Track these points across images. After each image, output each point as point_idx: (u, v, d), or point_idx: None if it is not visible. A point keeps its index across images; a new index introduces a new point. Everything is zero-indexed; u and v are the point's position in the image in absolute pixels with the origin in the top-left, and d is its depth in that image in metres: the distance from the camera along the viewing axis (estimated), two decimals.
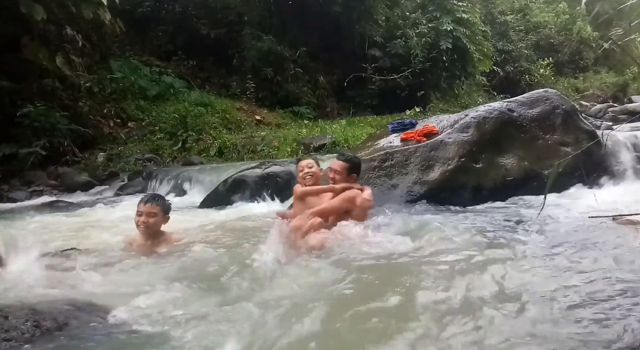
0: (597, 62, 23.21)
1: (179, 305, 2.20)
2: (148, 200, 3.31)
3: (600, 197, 4.17)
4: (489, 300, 2.10)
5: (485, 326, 1.85)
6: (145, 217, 3.25)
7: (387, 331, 1.85)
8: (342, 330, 1.88)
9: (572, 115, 5.61)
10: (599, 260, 2.60)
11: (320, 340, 1.80)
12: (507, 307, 2.02)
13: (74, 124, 9.16)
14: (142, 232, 3.30)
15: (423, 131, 5.19)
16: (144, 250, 3.26)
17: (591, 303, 2.01)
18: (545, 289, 2.20)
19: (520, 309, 1.99)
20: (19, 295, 2.25)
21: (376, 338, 1.80)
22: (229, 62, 13.88)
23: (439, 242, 3.13)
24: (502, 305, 2.04)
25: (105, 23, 9.11)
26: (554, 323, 1.85)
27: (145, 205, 3.27)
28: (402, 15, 15.59)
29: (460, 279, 2.38)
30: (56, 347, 1.80)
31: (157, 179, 7.50)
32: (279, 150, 9.87)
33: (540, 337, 1.74)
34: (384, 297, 2.18)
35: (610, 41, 15.24)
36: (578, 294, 2.12)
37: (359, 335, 1.84)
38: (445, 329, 1.84)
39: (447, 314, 1.96)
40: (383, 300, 2.14)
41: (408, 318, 1.95)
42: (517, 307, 2.02)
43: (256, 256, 2.92)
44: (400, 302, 2.11)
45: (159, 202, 3.35)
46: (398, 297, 2.16)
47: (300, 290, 2.37)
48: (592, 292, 2.13)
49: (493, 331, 1.80)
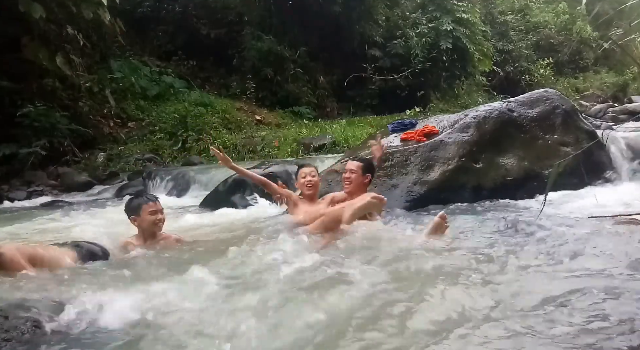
0: (597, 62, 23.20)
1: (182, 304, 2.20)
2: (156, 198, 3.42)
3: (600, 197, 4.17)
4: (488, 300, 2.10)
5: (483, 326, 1.85)
6: (161, 214, 3.33)
7: (386, 330, 1.85)
8: (347, 328, 1.88)
9: (572, 115, 5.61)
10: (599, 260, 2.60)
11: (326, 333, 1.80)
12: (507, 307, 2.02)
13: (74, 124, 9.16)
14: (158, 230, 3.35)
15: (423, 131, 5.19)
16: (145, 250, 3.26)
17: (591, 303, 2.01)
18: (545, 289, 2.20)
19: (519, 309, 1.99)
20: (19, 295, 2.25)
21: (375, 336, 1.80)
22: (229, 62, 13.88)
23: (437, 241, 3.13)
24: (501, 305, 2.04)
25: (105, 23, 9.11)
26: (554, 323, 1.85)
27: (157, 203, 3.35)
28: (402, 15, 15.59)
29: (461, 279, 2.38)
30: (56, 347, 1.80)
31: (157, 179, 7.50)
32: (279, 150, 9.87)
33: (539, 337, 1.73)
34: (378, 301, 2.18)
35: (610, 41, 15.24)
36: (578, 294, 2.12)
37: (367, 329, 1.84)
38: (445, 327, 1.84)
39: (446, 314, 1.96)
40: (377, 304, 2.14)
41: (407, 317, 1.95)
42: (516, 307, 2.02)
43: (260, 253, 2.93)
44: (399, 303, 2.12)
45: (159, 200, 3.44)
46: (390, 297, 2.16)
47: (303, 288, 2.37)
48: (592, 292, 2.12)
49: (491, 331, 1.80)
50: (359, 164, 3.84)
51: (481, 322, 1.88)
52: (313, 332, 1.86)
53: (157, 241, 3.36)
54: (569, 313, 1.92)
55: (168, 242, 3.42)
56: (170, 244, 3.42)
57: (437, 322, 1.90)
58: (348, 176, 3.76)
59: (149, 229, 3.32)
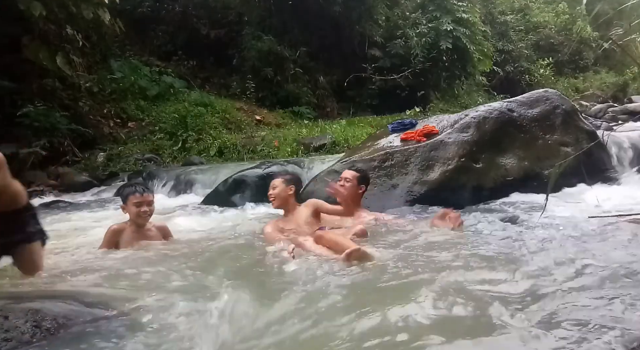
0: (597, 62, 23.22)
1: (182, 299, 2.20)
2: (144, 189, 3.32)
3: (600, 197, 4.17)
4: (487, 300, 2.10)
5: (481, 326, 1.84)
6: (146, 206, 3.25)
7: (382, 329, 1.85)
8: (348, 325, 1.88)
9: (572, 115, 5.61)
10: (599, 260, 2.60)
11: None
12: (506, 306, 2.02)
13: (74, 124, 9.15)
14: (142, 223, 3.29)
15: (423, 131, 5.19)
16: (135, 243, 3.25)
17: (591, 303, 2.01)
18: (544, 289, 2.20)
19: (519, 309, 1.99)
20: (19, 295, 2.25)
21: (372, 335, 1.80)
22: (229, 62, 13.88)
23: (437, 241, 3.13)
24: (500, 304, 2.04)
25: (105, 23, 9.10)
26: (553, 323, 1.85)
27: (144, 194, 3.26)
28: (402, 15, 15.59)
29: (461, 279, 2.38)
30: (56, 347, 1.80)
31: (157, 179, 7.49)
32: (279, 150, 9.86)
33: (539, 336, 1.73)
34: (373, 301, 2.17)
35: (610, 41, 15.23)
36: (578, 294, 2.12)
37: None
38: (445, 326, 1.84)
39: (445, 313, 1.96)
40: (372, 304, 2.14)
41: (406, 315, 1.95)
42: (516, 306, 2.02)
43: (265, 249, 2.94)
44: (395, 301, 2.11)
45: (149, 190, 3.39)
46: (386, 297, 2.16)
47: (301, 285, 2.37)
48: (591, 292, 2.13)
49: (489, 331, 1.80)
50: (355, 173, 3.77)
51: (480, 322, 1.88)
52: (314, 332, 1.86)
53: (146, 231, 3.34)
54: (569, 313, 1.92)
55: (162, 232, 3.42)
56: (162, 234, 3.42)
57: (435, 320, 1.90)
58: (342, 184, 3.66)
59: (134, 220, 3.29)
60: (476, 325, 1.86)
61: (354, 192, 3.70)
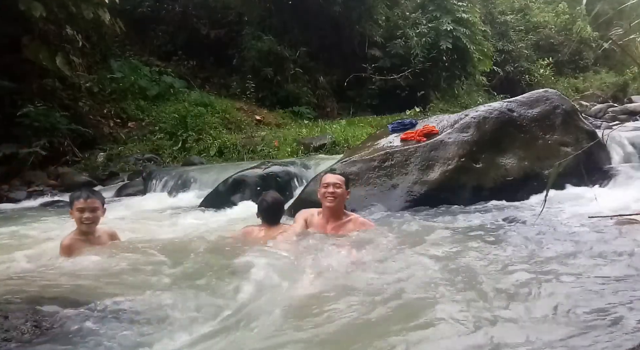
0: (597, 62, 23.20)
1: (178, 299, 2.20)
2: (88, 196, 3.18)
3: (600, 197, 4.17)
4: (486, 300, 2.10)
5: (480, 326, 1.84)
6: (88, 212, 3.12)
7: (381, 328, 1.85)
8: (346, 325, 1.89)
9: (572, 115, 5.61)
10: (599, 260, 2.61)
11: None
12: (505, 307, 2.02)
13: (74, 124, 9.14)
14: (85, 229, 3.15)
15: (423, 131, 5.19)
16: (83, 248, 3.13)
17: (591, 303, 2.01)
18: (544, 289, 2.20)
19: (519, 308, 1.99)
20: (19, 295, 2.25)
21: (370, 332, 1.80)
22: (229, 62, 13.87)
23: (438, 241, 3.13)
24: (501, 304, 2.04)
25: (105, 23, 9.10)
26: (553, 322, 1.85)
27: (87, 200, 3.13)
28: (402, 15, 15.58)
29: (461, 278, 2.38)
30: (56, 347, 1.80)
31: (157, 179, 7.49)
32: (279, 150, 9.86)
33: (539, 336, 1.73)
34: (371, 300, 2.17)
35: (610, 41, 15.25)
36: (578, 294, 2.12)
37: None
38: (444, 326, 1.84)
39: (445, 312, 1.96)
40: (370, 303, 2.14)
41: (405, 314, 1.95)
42: (516, 306, 2.02)
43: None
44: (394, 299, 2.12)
45: (97, 196, 3.25)
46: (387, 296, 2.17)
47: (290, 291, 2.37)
48: (591, 292, 2.13)
49: (489, 331, 1.80)
50: (342, 178, 3.59)
51: (480, 322, 1.88)
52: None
53: (96, 236, 3.23)
54: (569, 312, 1.92)
55: (102, 240, 3.28)
56: (112, 237, 3.35)
57: (435, 321, 1.90)
58: (332, 191, 3.45)
59: (78, 226, 3.17)
60: (471, 326, 1.86)
61: (344, 197, 3.56)
